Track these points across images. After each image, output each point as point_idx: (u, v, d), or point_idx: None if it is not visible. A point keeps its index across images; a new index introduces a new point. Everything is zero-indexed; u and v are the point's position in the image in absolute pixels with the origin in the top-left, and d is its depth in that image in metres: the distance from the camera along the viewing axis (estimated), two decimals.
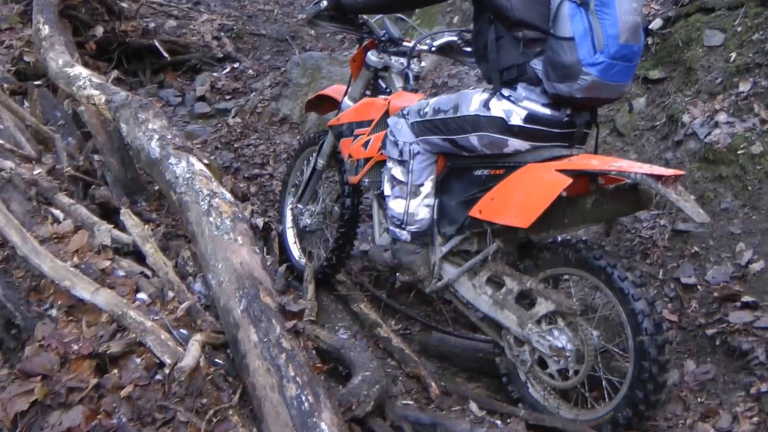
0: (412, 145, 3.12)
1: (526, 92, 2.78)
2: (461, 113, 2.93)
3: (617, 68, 2.61)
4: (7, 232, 2.87)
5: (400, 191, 3.19)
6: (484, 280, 3.08)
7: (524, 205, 2.71)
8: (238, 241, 2.93)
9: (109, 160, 3.88)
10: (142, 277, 2.95)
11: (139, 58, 7.16)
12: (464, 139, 2.95)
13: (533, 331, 2.88)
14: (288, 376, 2.40)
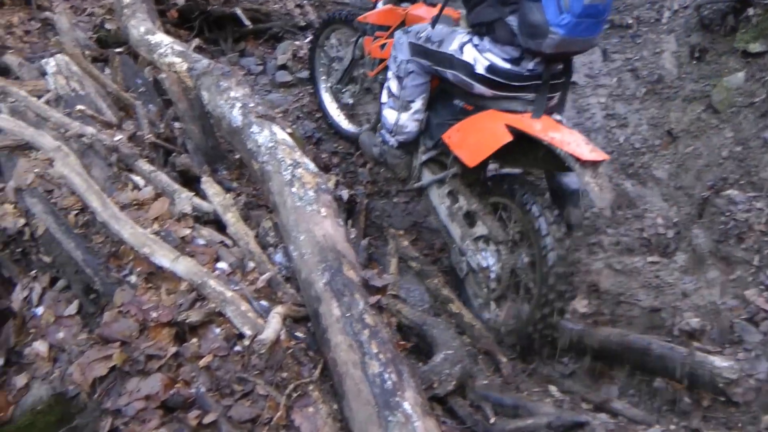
0: (408, 63, 3.69)
1: (490, 45, 3.25)
2: (443, 49, 3.46)
3: (584, 25, 2.97)
4: (88, 198, 2.99)
5: (393, 103, 3.82)
6: (446, 192, 3.78)
7: (474, 148, 3.36)
8: (321, 213, 2.97)
9: (190, 127, 3.98)
10: (223, 247, 3.03)
11: (220, 27, 7.27)
12: (443, 72, 3.50)
13: (469, 248, 3.64)
14: (371, 353, 2.44)
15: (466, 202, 3.66)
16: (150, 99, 4.55)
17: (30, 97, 3.76)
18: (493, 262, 3.54)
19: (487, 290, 3.65)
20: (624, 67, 5.27)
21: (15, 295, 3.20)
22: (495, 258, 3.54)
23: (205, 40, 6.99)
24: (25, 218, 3.27)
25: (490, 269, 3.55)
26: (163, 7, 6.65)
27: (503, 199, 3.52)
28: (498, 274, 3.53)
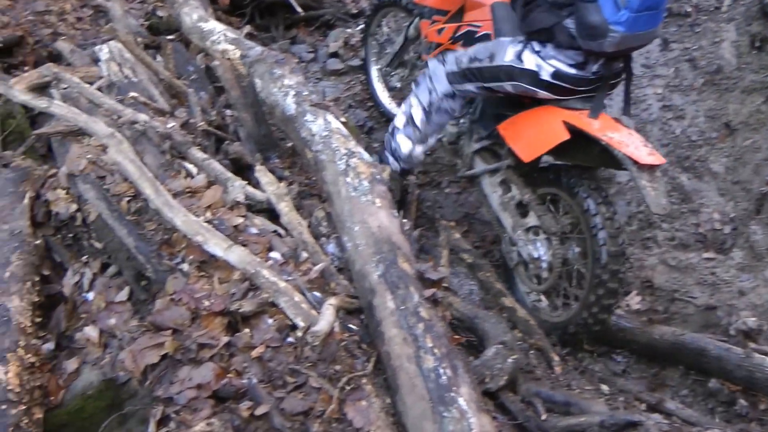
0: (443, 100, 3.73)
1: (554, 51, 3.19)
2: (496, 62, 3.37)
3: (643, 19, 2.95)
4: (141, 185, 3.03)
5: (412, 133, 3.84)
6: (498, 181, 3.79)
7: (529, 143, 3.37)
8: (376, 204, 2.96)
9: (243, 115, 4.00)
10: (276, 236, 3.04)
11: (271, 14, 7.30)
12: (499, 86, 3.43)
13: (521, 237, 3.65)
14: (425, 347, 2.42)
15: (519, 192, 3.67)
16: (202, 86, 4.59)
17: (83, 84, 3.82)
18: (545, 252, 3.56)
19: (537, 281, 3.67)
20: (682, 56, 5.18)
21: (66, 280, 3.26)
22: (546, 248, 3.55)
23: (256, 27, 7.02)
24: (77, 204, 3.33)
25: (542, 260, 3.57)
26: None
27: (556, 190, 3.54)
28: (549, 264, 3.54)
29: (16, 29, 5.32)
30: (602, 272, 3.23)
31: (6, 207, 3.33)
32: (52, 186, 3.45)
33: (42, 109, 3.66)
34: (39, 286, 3.15)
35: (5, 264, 3.03)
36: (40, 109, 3.78)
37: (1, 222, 3.25)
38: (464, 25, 3.84)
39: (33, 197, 3.44)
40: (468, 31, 3.80)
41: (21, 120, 4.43)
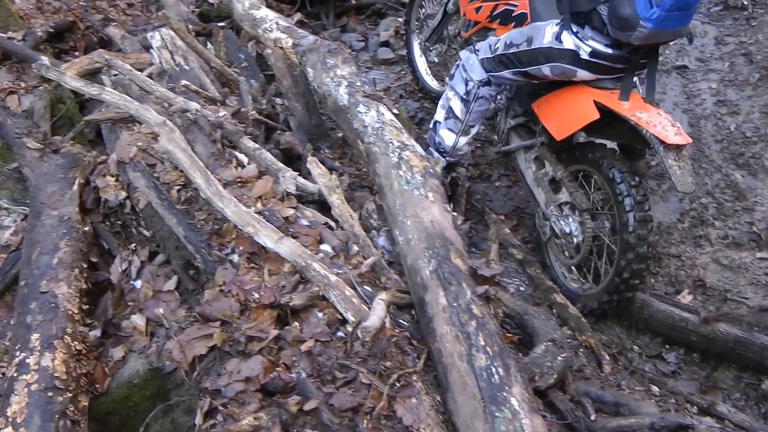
0: (480, 88, 3.80)
1: (591, 33, 3.32)
2: (535, 45, 3.48)
3: (673, 18, 3.07)
4: (192, 174, 3.05)
5: (454, 125, 3.91)
6: (533, 158, 3.94)
7: (562, 121, 3.54)
8: (428, 198, 2.95)
9: (294, 104, 4.01)
10: (326, 229, 3.04)
11: (322, 1, 7.32)
12: (536, 70, 3.53)
13: (553, 213, 3.78)
14: (477, 345, 2.41)
15: (552, 168, 3.81)
16: (252, 74, 4.62)
17: (134, 71, 3.86)
18: (576, 227, 3.68)
19: (568, 255, 3.79)
20: (737, 51, 5.07)
21: (114, 267, 3.30)
22: (578, 224, 3.67)
23: (307, 14, 7.06)
24: (126, 191, 3.37)
25: (573, 235, 3.69)
26: None
27: (586, 166, 3.68)
28: (580, 239, 3.66)
29: (68, 14, 5.40)
30: (630, 237, 3.35)
31: (55, 193, 3.36)
32: (102, 173, 3.48)
33: (94, 96, 3.70)
34: (87, 272, 3.17)
35: (54, 250, 3.06)
36: (92, 96, 3.83)
37: (51, 208, 3.28)
38: (501, 4, 3.98)
39: (82, 184, 3.47)
40: (505, 10, 3.93)
41: (70, 105, 4.49)
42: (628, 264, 3.39)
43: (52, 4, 5.53)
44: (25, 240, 3.22)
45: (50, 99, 4.42)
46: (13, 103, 4.41)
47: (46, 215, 3.23)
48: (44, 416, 2.38)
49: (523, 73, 3.62)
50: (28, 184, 3.60)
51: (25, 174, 3.66)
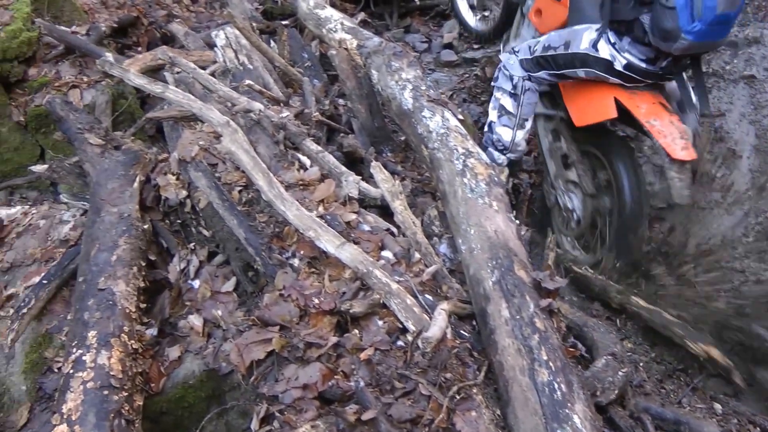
0: (525, 81, 3.96)
1: (629, 46, 3.45)
2: (572, 50, 3.64)
3: (714, 30, 3.18)
4: (254, 176, 3.08)
5: (509, 121, 4.04)
6: (551, 129, 4.26)
7: (582, 110, 3.75)
8: (493, 207, 2.94)
9: (357, 106, 4.03)
10: (388, 235, 3.05)
11: (386, 1, 7.36)
12: (572, 72, 3.71)
13: (560, 186, 4.12)
14: (540, 360, 2.39)
15: (566, 145, 4.11)
16: (315, 74, 4.65)
17: (198, 69, 3.90)
18: (578, 204, 4.06)
19: (569, 228, 4.18)
20: None
21: (172, 266, 3.34)
22: (580, 202, 4.05)
23: (371, 14, 7.10)
24: (187, 190, 3.41)
25: (575, 211, 4.07)
26: None
27: (596, 151, 3.92)
28: (580, 216, 4.05)
29: (132, 10, 5.50)
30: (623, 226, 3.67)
31: (116, 189, 3.42)
32: (163, 171, 3.54)
33: (157, 94, 3.76)
34: (145, 270, 3.20)
35: (113, 247, 3.10)
36: (156, 95, 3.88)
37: (111, 204, 3.33)
38: None
39: (143, 181, 3.53)
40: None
41: (132, 101, 4.58)
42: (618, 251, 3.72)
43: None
44: (85, 236, 3.28)
45: (112, 94, 4.52)
46: (75, 97, 4.51)
47: (106, 212, 3.28)
48: (99, 414, 2.40)
49: (559, 75, 3.81)
50: (89, 179, 3.66)
51: (86, 169, 3.72)
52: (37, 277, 3.41)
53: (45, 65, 4.73)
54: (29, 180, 4.49)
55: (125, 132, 4.30)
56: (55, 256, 3.56)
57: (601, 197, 3.89)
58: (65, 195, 3.82)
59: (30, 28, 4.65)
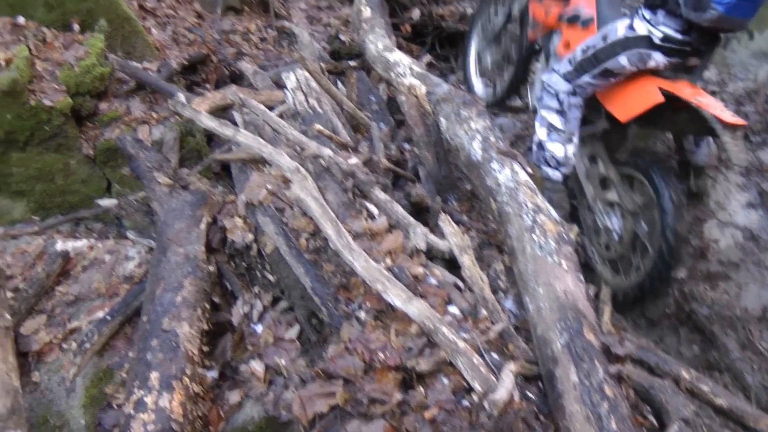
0: (570, 96, 4.09)
1: (663, 19, 3.69)
2: (610, 40, 3.87)
3: (741, 6, 3.43)
4: (323, 224, 3.11)
5: (558, 137, 4.14)
6: (587, 153, 4.35)
7: (627, 104, 3.90)
8: (562, 266, 2.93)
9: (424, 153, 4.06)
10: (455, 289, 3.05)
11: (452, 44, 7.41)
12: (614, 62, 3.86)
13: (599, 208, 4.23)
14: (609, 429, 2.36)
15: (604, 167, 4.23)
16: (382, 117, 4.70)
17: (268, 112, 3.97)
18: (618, 225, 4.14)
19: (606, 249, 4.24)
20: None
21: (236, 309, 3.39)
22: (620, 222, 4.13)
23: (436, 56, 7.15)
24: (253, 234, 3.46)
25: (614, 231, 4.14)
26: (397, 20, 6.89)
27: (635, 172, 4.05)
28: (620, 236, 4.11)
29: (202, 47, 5.63)
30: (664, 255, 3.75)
31: (183, 230, 3.48)
32: (230, 213, 3.59)
33: (228, 137, 3.83)
34: (208, 313, 3.25)
35: (178, 288, 3.16)
36: (227, 138, 3.95)
37: (177, 245, 3.39)
38: (570, 8, 4.45)
39: (210, 222, 3.59)
40: (574, 15, 4.39)
41: (200, 139, 4.67)
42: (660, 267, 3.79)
43: (187, 36, 5.78)
44: (150, 275, 3.35)
45: (180, 131, 4.62)
46: (144, 133, 4.62)
47: (172, 252, 3.35)
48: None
49: (603, 72, 3.95)
50: (156, 218, 3.73)
51: (154, 208, 3.80)
52: (101, 312, 3.49)
53: (116, 100, 4.87)
54: (95, 213, 4.60)
55: (192, 169, 4.39)
56: (119, 292, 3.64)
57: (640, 220, 4.01)
58: (131, 232, 3.91)
59: (103, 63, 4.79)
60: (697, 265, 4.40)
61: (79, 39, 4.88)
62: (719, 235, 4.55)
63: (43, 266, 3.77)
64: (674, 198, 3.78)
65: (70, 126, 4.60)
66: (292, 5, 7.22)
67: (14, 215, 4.65)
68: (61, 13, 4.97)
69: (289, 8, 7.13)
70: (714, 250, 4.50)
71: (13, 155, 4.51)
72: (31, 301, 3.60)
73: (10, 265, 3.90)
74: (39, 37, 4.79)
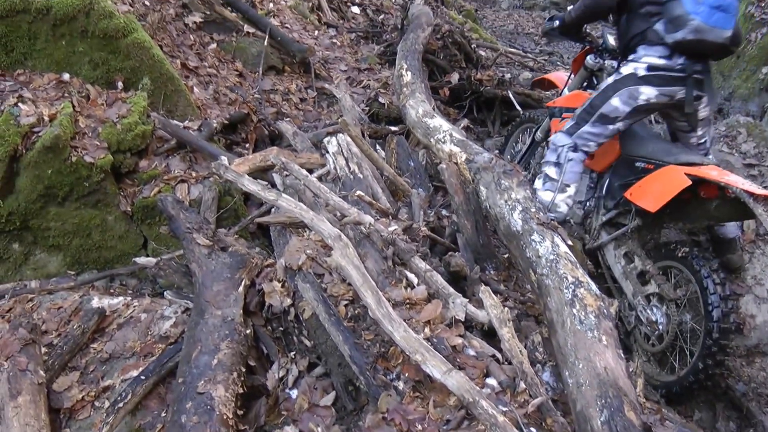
0: (568, 151, 4.46)
1: (644, 51, 4.23)
2: (602, 88, 4.38)
3: (716, 16, 3.93)
4: (363, 292, 3.16)
5: (551, 185, 4.50)
6: (622, 253, 4.52)
7: (655, 195, 4.07)
8: (602, 342, 2.93)
9: (463, 222, 4.12)
10: (494, 361, 3.08)
11: (489, 108, 7.54)
12: (608, 106, 4.32)
13: (640, 303, 4.31)
14: None
15: (641, 262, 4.40)
16: (420, 183, 4.78)
17: (310, 177, 4.05)
18: (661, 317, 4.24)
19: (651, 343, 4.33)
20: None
21: (271, 373, 3.42)
22: (663, 314, 4.23)
23: (473, 120, 7.27)
24: (291, 298, 3.51)
25: (659, 323, 4.24)
26: (435, 84, 7.02)
27: (674, 263, 4.25)
28: (665, 328, 4.21)
29: (242, 106, 5.76)
30: (712, 344, 3.86)
31: (221, 292, 3.55)
32: (269, 277, 3.66)
33: (270, 202, 3.91)
34: (244, 376, 3.27)
35: (214, 350, 3.21)
36: (269, 202, 4.03)
37: (215, 307, 3.45)
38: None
39: (248, 285, 3.65)
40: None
41: (238, 199, 4.77)
42: (706, 367, 3.90)
43: (228, 95, 5.92)
44: (186, 336, 3.39)
45: (219, 191, 4.71)
46: (183, 191, 4.71)
47: (209, 314, 3.41)
48: None
49: (599, 118, 4.38)
50: (194, 279, 3.79)
51: (192, 269, 3.86)
52: (135, 371, 3.53)
53: (156, 158, 4.98)
54: (131, 270, 4.68)
55: (229, 230, 4.46)
56: (154, 352, 3.69)
57: (683, 313, 4.13)
58: (169, 292, 3.97)
59: (145, 121, 4.92)
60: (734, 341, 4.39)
61: (123, 97, 5.02)
62: (756, 311, 4.57)
63: (79, 323, 3.81)
64: (719, 285, 3.90)
65: (109, 182, 4.69)
66: (332, 66, 7.39)
67: (50, 269, 4.73)
68: (105, 70, 5.12)
69: (329, 69, 7.29)
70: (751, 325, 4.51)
71: (51, 210, 4.61)
72: (65, 357, 3.64)
73: (45, 321, 3.95)
74: (83, 93, 4.94)
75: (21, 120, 4.46)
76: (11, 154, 4.38)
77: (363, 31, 9.23)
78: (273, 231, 4.10)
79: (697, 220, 4.31)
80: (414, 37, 6.84)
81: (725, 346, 3.89)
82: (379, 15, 10.06)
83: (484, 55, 7.84)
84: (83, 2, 4.92)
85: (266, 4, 8.16)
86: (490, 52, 8.10)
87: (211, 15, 7.18)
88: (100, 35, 5.00)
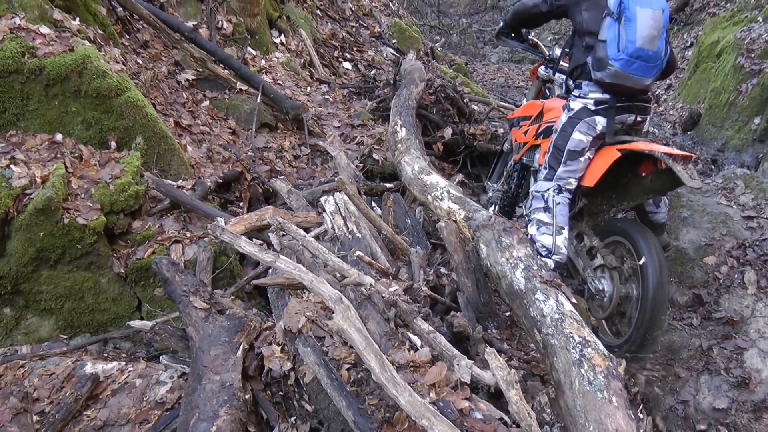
0: (555, 195, 4.63)
1: (588, 87, 4.53)
2: (559, 127, 4.64)
3: (635, 65, 4.23)
4: (366, 356, 3.10)
5: (547, 229, 4.61)
6: (575, 234, 4.91)
7: (593, 171, 4.56)
8: (612, 403, 2.90)
9: (464, 280, 4.10)
10: (502, 425, 3.03)
11: (483, 162, 7.55)
12: (572, 141, 4.55)
13: (589, 275, 4.69)
14: None
15: (589, 240, 4.77)
16: (418, 240, 4.76)
17: (308, 238, 4.01)
18: (607, 284, 4.57)
19: (601, 310, 4.62)
20: None
21: None
22: (609, 283, 4.56)
23: (468, 174, 7.28)
24: (291, 362, 3.46)
25: (605, 291, 4.57)
26: (429, 139, 7.05)
27: (618, 237, 4.57)
28: (610, 295, 4.53)
29: (236, 165, 5.76)
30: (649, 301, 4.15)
31: (219, 357, 3.50)
32: (268, 340, 3.61)
33: (268, 263, 3.87)
34: None
35: (213, 417, 3.15)
36: (267, 264, 4.00)
37: (213, 372, 3.40)
38: (543, 124, 5.19)
39: (246, 349, 3.60)
40: (547, 127, 5.09)
41: (233, 259, 4.73)
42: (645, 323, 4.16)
43: (222, 153, 5.92)
44: (184, 402, 3.34)
45: (214, 251, 4.68)
46: (177, 252, 4.68)
47: (207, 379, 3.36)
48: None
49: (569, 155, 4.59)
50: (191, 344, 3.74)
51: (189, 333, 3.81)
52: None
53: (149, 218, 4.95)
54: (126, 333, 4.62)
55: (225, 291, 4.42)
56: (150, 418, 3.63)
57: (628, 284, 4.41)
58: (165, 357, 3.92)
59: (138, 181, 4.90)
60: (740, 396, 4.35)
61: (116, 157, 5.01)
62: (761, 365, 4.52)
63: (72, 389, 3.75)
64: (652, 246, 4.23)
65: (102, 244, 4.66)
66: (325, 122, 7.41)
67: (42, 333, 4.67)
68: (98, 130, 5.11)
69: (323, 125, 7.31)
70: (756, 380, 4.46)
71: (43, 273, 4.56)
72: (58, 426, 3.57)
73: (36, 388, 3.88)
74: (76, 154, 4.92)
75: (13, 182, 4.44)
76: (2, 218, 4.35)
77: (355, 87, 9.30)
78: (271, 292, 4.06)
79: (639, 196, 4.64)
80: (407, 93, 6.90)
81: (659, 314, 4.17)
82: (371, 70, 10.15)
83: (476, 109, 7.86)
84: (76, 62, 4.92)
85: (258, 61, 8.21)
86: (482, 106, 8.12)
87: (203, 72, 7.22)
88: (93, 95, 5.00)
